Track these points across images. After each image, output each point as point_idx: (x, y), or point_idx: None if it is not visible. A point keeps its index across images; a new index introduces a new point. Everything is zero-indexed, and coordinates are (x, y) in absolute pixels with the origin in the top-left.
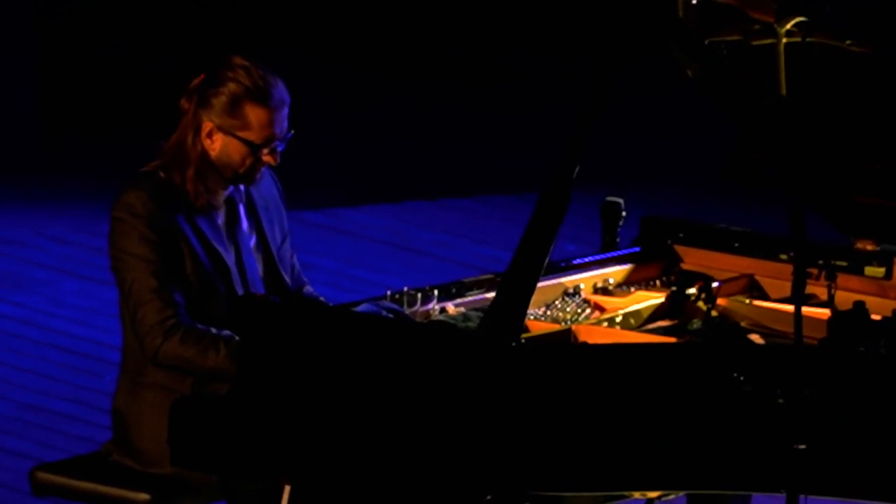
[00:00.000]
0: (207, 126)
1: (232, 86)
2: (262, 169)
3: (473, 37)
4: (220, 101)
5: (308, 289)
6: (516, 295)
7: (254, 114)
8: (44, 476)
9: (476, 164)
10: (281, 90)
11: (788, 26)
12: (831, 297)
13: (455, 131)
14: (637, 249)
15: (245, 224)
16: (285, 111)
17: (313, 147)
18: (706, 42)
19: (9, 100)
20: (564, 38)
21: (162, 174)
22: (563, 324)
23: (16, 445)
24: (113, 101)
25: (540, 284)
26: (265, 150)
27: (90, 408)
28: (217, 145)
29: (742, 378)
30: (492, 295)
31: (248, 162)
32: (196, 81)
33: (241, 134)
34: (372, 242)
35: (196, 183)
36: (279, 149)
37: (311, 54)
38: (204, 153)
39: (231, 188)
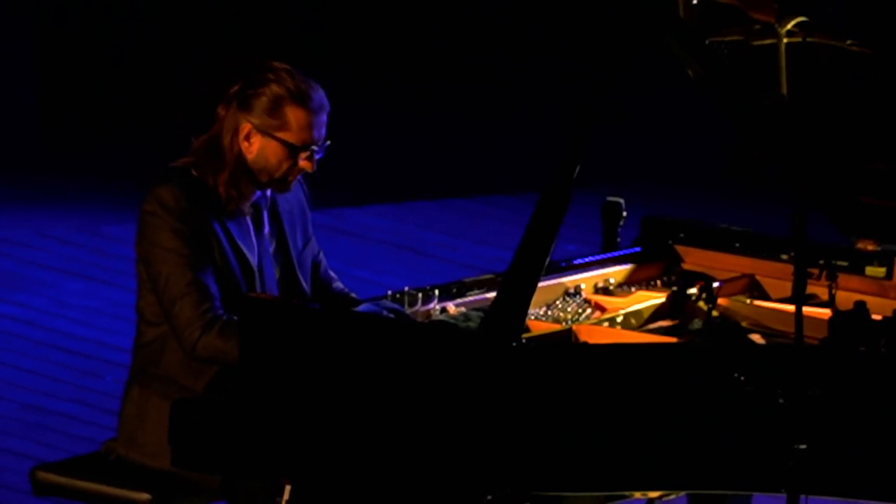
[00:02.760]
0: (246, 128)
1: (274, 87)
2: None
3: (476, 37)
4: (260, 103)
5: (338, 284)
6: (517, 295)
7: (293, 115)
8: (44, 476)
9: (478, 164)
10: (321, 95)
11: (789, 26)
12: (832, 297)
13: (457, 132)
14: (638, 249)
15: (266, 228)
16: (324, 117)
17: None
18: (707, 42)
19: (10, 100)
20: (566, 38)
21: (194, 172)
22: (563, 324)
23: (17, 445)
24: (115, 101)
25: (541, 284)
26: (303, 155)
27: (92, 408)
28: (255, 147)
29: (743, 378)
30: (492, 295)
31: (284, 166)
32: (234, 88)
33: (279, 135)
34: (374, 243)
35: (229, 187)
36: (317, 156)
37: (313, 54)
38: (240, 156)
39: (258, 193)
